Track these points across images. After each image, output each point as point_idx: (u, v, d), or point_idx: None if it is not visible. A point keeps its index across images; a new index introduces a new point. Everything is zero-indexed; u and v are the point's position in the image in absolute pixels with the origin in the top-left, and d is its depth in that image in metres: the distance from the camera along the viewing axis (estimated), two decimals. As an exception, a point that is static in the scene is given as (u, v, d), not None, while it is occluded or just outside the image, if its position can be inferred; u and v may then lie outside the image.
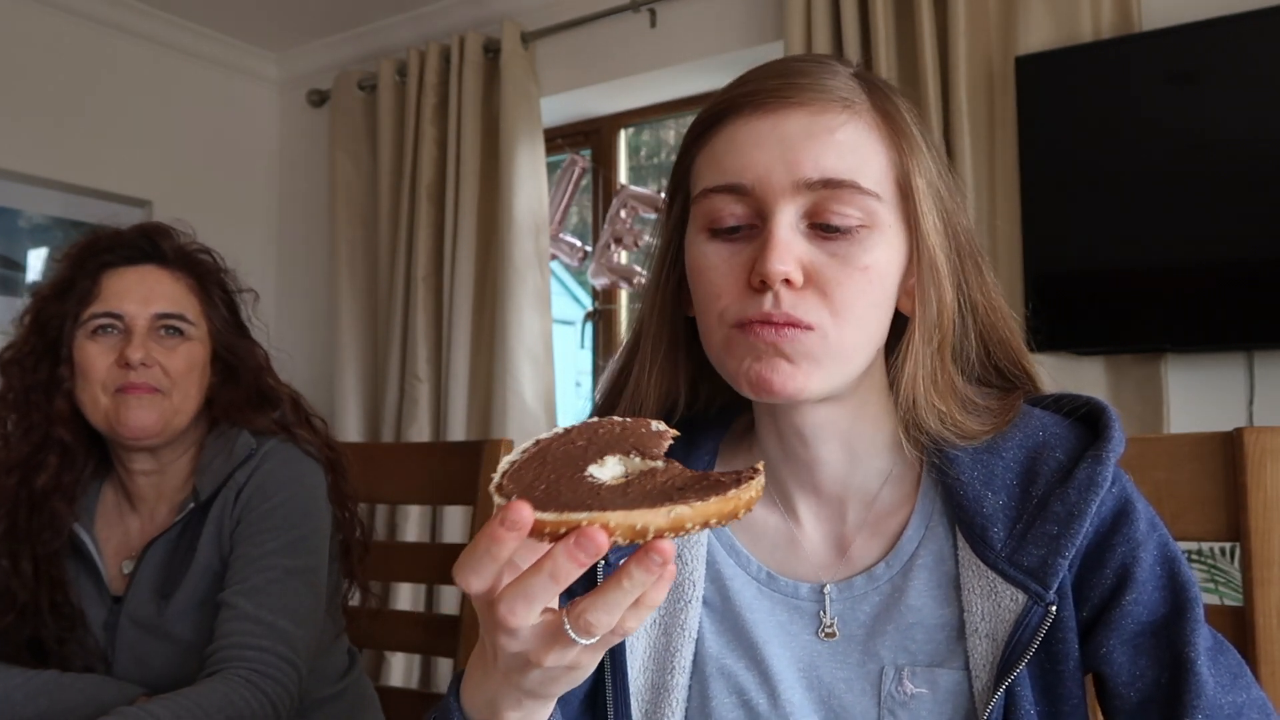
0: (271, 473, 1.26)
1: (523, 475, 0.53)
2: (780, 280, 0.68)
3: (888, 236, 0.71)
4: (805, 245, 0.70)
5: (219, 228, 3.34)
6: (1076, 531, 0.69)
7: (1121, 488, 0.72)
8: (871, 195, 0.70)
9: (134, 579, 1.26)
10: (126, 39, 3.17)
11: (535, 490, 0.52)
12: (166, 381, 1.25)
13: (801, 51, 2.37)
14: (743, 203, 0.71)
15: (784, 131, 0.70)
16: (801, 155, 0.69)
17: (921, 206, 0.73)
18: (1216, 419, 1.94)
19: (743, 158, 0.71)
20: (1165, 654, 0.68)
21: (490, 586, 0.54)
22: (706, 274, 0.73)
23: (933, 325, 0.73)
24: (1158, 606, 0.70)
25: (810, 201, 0.70)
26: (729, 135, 0.73)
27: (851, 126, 0.71)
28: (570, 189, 2.99)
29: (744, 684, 0.76)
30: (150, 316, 1.26)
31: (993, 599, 0.70)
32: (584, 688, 0.78)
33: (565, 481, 0.53)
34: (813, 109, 0.71)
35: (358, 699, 1.40)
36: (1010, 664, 0.68)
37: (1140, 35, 2.03)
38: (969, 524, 0.72)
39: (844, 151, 0.70)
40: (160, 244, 1.31)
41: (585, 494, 0.52)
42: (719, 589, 0.79)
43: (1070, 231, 2.04)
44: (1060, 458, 0.73)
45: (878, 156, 0.72)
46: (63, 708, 1.13)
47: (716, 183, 0.72)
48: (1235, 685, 0.68)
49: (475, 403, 2.93)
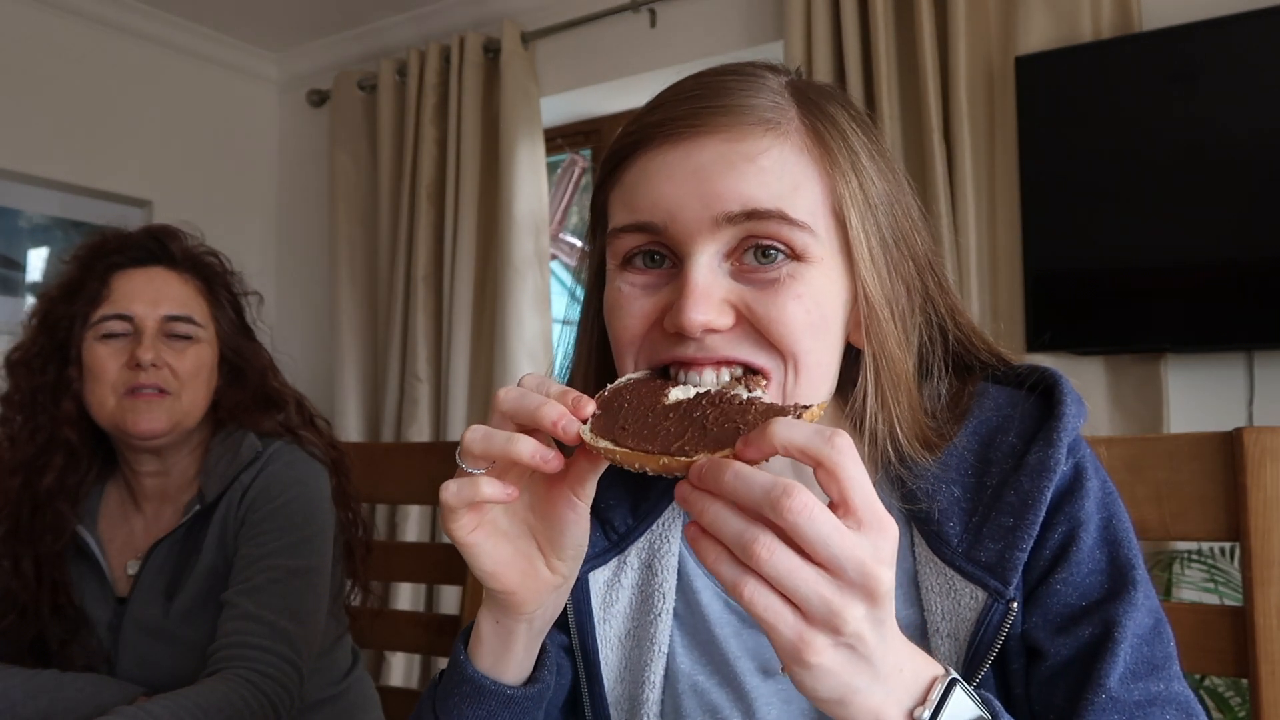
0: (276, 474, 1.27)
1: (621, 390, 0.62)
2: (700, 331, 0.63)
3: (824, 269, 0.65)
4: (729, 284, 0.64)
5: (219, 228, 3.34)
6: (1032, 521, 0.66)
7: (1075, 463, 0.69)
8: (802, 228, 0.64)
9: (139, 580, 1.26)
10: (127, 39, 3.17)
11: (613, 403, 0.60)
12: (175, 383, 1.25)
13: (801, 53, 2.37)
14: (657, 241, 0.66)
15: (697, 162, 0.64)
16: (719, 186, 0.63)
17: (856, 240, 0.66)
18: (1216, 419, 1.94)
19: (654, 192, 0.65)
20: (1087, 633, 0.65)
21: (504, 416, 0.58)
22: (618, 312, 0.68)
23: (891, 361, 0.68)
24: (1090, 590, 0.67)
25: (732, 236, 0.64)
26: (640, 168, 0.67)
27: (776, 151, 0.64)
28: (570, 189, 2.99)
29: (716, 702, 0.74)
30: (159, 318, 1.26)
31: (952, 597, 0.68)
32: (562, 695, 0.77)
33: (640, 399, 0.60)
34: (729, 135, 0.64)
35: (359, 698, 1.40)
36: (976, 664, 0.67)
37: (1140, 35, 2.03)
38: (925, 520, 0.70)
39: (768, 179, 0.63)
40: (169, 246, 1.31)
41: (635, 417, 0.58)
42: (688, 602, 0.77)
43: (1070, 231, 2.04)
44: (1013, 440, 0.69)
45: (809, 183, 0.65)
46: (62, 707, 1.13)
47: (625, 222, 0.67)
48: (1153, 675, 0.64)
49: (475, 403, 2.93)
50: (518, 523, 0.62)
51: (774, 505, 0.48)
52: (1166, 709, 0.64)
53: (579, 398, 0.57)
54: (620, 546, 0.77)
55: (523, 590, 0.62)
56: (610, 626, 0.77)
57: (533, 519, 0.63)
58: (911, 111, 2.25)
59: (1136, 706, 0.63)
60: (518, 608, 0.63)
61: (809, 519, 0.47)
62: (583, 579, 0.76)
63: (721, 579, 0.50)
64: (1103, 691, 0.63)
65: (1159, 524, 0.94)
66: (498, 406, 0.59)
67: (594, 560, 0.76)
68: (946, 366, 0.75)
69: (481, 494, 0.58)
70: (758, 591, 0.49)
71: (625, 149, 0.69)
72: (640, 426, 0.57)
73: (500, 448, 0.57)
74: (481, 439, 0.57)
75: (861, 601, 0.49)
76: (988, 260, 2.18)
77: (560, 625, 0.76)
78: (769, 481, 0.48)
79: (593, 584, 0.77)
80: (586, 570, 0.76)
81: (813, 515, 0.47)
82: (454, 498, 0.58)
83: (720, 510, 0.50)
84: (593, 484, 0.61)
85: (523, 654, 0.66)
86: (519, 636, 0.65)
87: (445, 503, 0.59)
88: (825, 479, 0.49)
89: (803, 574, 0.48)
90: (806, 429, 0.50)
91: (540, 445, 0.57)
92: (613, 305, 0.69)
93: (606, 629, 0.76)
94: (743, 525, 0.49)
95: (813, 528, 0.47)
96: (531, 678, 0.67)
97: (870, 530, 0.49)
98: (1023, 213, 2.09)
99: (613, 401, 0.60)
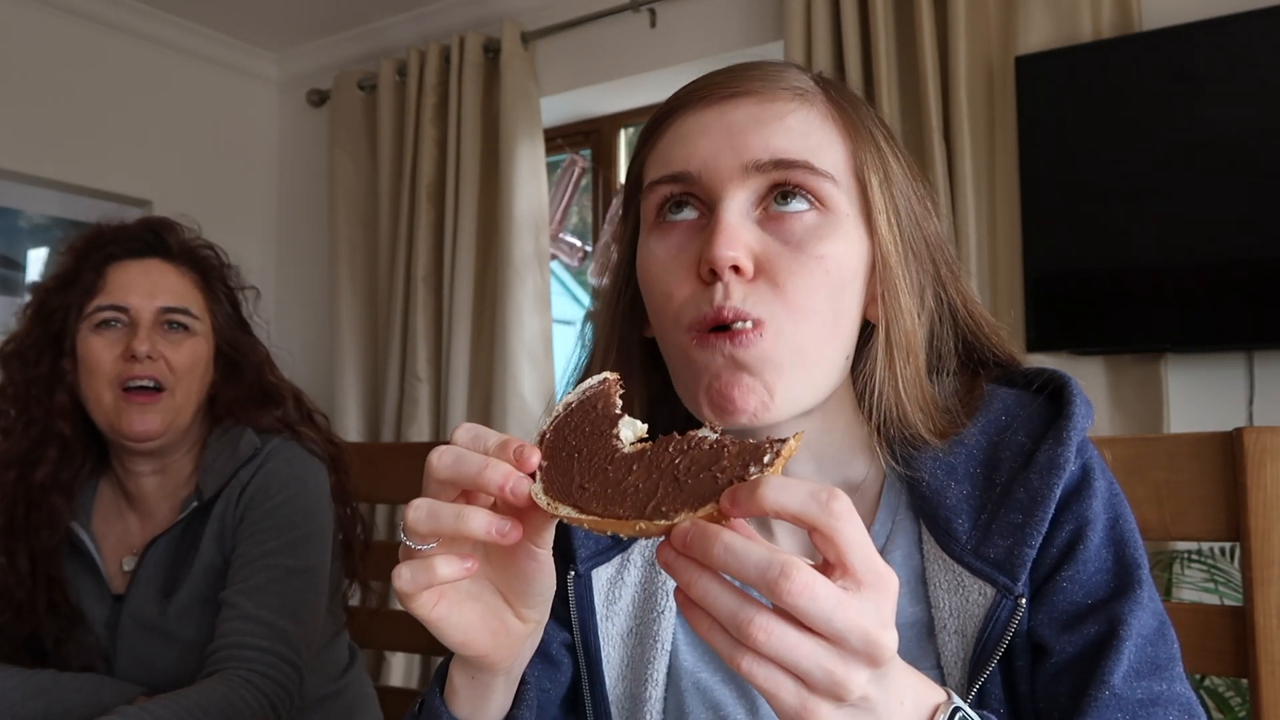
0: (275, 472, 1.26)
1: (564, 430, 0.55)
2: (729, 267, 0.64)
3: (845, 228, 0.68)
4: (756, 233, 0.66)
5: (219, 228, 3.33)
6: (1041, 518, 0.66)
7: (1083, 463, 0.69)
8: (826, 177, 0.67)
9: (135, 577, 1.25)
10: (127, 39, 3.17)
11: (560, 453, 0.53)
12: (170, 377, 1.24)
13: (801, 53, 2.37)
14: (689, 192, 0.68)
15: (731, 119, 0.68)
16: (750, 139, 0.66)
17: (873, 200, 0.69)
18: (1216, 419, 1.94)
19: (689, 146, 0.68)
20: (1092, 630, 0.65)
21: (446, 479, 0.54)
22: (657, 275, 0.69)
23: (902, 331, 0.69)
24: (1096, 588, 0.67)
25: (761, 184, 0.67)
26: (675, 130, 0.70)
27: (803, 113, 0.68)
28: (570, 189, 2.99)
29: (720, 699, 0.74)
30: (156, 310, 1.25)
31: (960, 594, 0.68)
32: (561, 691, 0.77)
33: (589, 445, 0.53)
34: (761, 96, 0.68)
35: (357, 696, 1.40)
36: (983, 661, 0.66)
37: (1140, 35, 2.02)
38: (933, 517, 0.70)
39: (794, 135, 0.67)
40: (165, 238, 1.30)
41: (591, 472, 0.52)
42: None
43: (1070, 231, 2.04)
44: (1022, 440, 0.70)
45: (831, 144, 0.68)
46: (61, 707, 1.13)
47: (660, 174, 0.70)
48: (1156, 675, 0.64)
49: (475, 403, 2.93)
50: (479, 580, 0.59)
51: (771, 588, 0.45)
52: (1170, 709, 0.64)
53: (521, 447, 0.53)
54: (623, 544, 0.77)
55: (496, 651, 0.59)
56: (613, 624, 0.77)
57: (493, 572, 0.59)
58: (911, 111, 2.25)
59: (1140, 705, 0.63)
60: (493, 667, 0.61)
61: (810, 599, 0.45)
62: (586, 576, 0.76)
63: (716, 650, 0.48)
64: (1106, 688, 0.63)
65: (1159, 524, 0.94)
66: (434, 474, 0.54)
67: (597, 557, 0.76)
68: (957, 356, 0.76)
69: (439, 577, 0.54)
70: (755, 664, 0.46)
71: (662, 116, 0.72)
72: (602, 485, 0.51)
73: (450, 526, 0.52)
74: (426, 517, 0.53)
75: (865, 668, 0.47)
76: (988, 260, 2.18)
77: (563, 623, 0.76)
78: (763, 560, 0.45)
79: (596, 581, 0.77)
80: (590, 568, 0.76)
81: (814, 594, 0.45)
82: (410, 584, 0.54)
83: (709, 585, 0.47)
84: (550, 532, 0.58)
85: (501, 698, 0.64)
86: (496, 688, 0.63)
87: (401, 590, 0.54)
88: (822, 543, 0.47)
89: (803, 650, 0.46)
90: (800, 491, 0.46)
91: (493, 516, 0.52)
92: (649, 269, 0.70)
93: (609, 626, 0.76)
94: (736, 604, 0.46)
95: (814, 606, 0.45)
96: (510, 716, 0.65)
97: (870, 591, 0.47)
98: (1023, 213, 2.08)
99: (559, 449, 0.54)
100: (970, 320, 0.76)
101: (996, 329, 0.78)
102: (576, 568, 0.76)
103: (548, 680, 0.76)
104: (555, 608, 0.70)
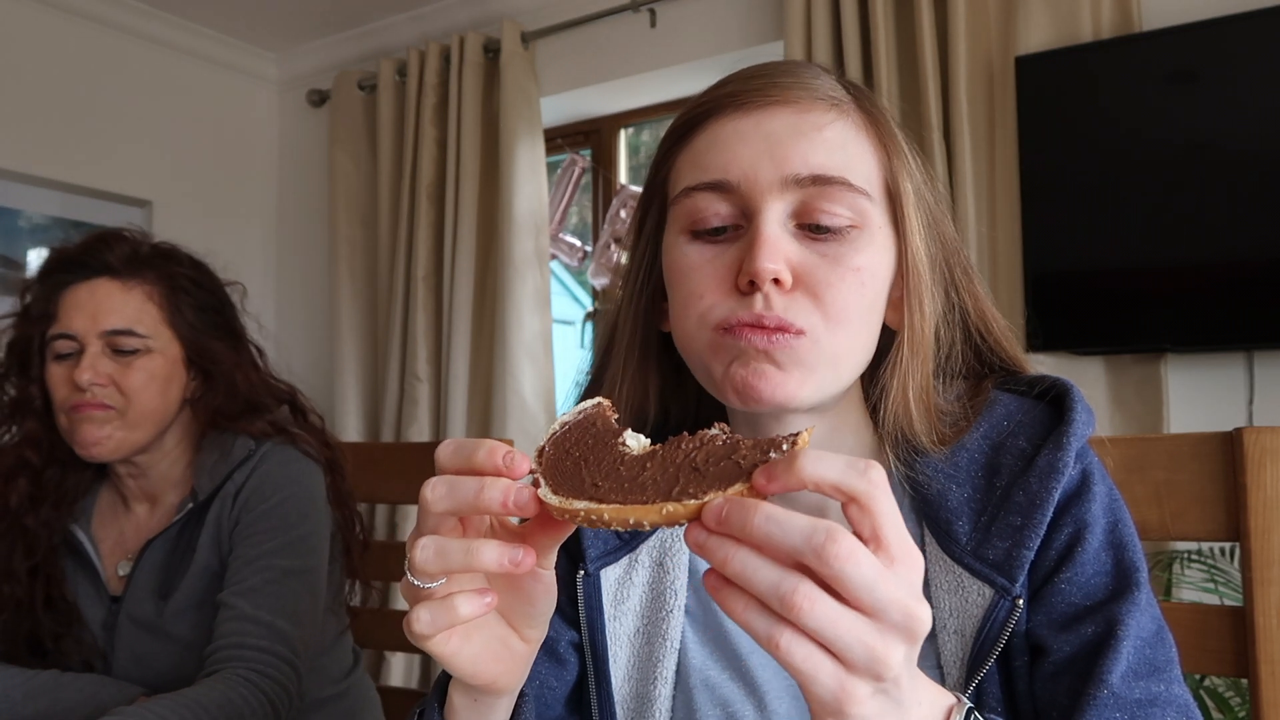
0: (269, 474, 1.26)
1: (564, 443, 0.53)
2: (770, 280, 0.65)
3: (877, 239, 0.69)
4: (794, 245, 0.67)
5: (219, 228, 3.37)
6: (1039, 521, 0.67)
7: (1082, 468, 0.70)
8: (861, 193, 0.68)
9: (131, 579, 1.26)
10: (127, 39, 3.17)
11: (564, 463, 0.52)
12: (121, 400, 1.22)
13: (801, 53, 2.37)
14: (727, 201, 0.68)
15: (769, 128, 0.68)
16: (789, 151, 0.67)
17: (908, 210, 0.70)
18: (1216, 419, 1.94)
19: (726, 154, 0.68)
20: (1090, 631, 0.66)
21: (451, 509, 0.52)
22: (687, 275, 0.69)
23: (920, 338, 0.71)
24: (1095, 590, 0.68)
25: (798, 199, 0.67)
26: (711, 135, 0.70)
27: (840, 125, 0.69)
28: (570, 189, 2.99)
29: (728, 696, 0.74)
30: (99, 334, 1.22)
31: (960, 595, 0.69)
32: (567, 689, 0.77)
33: (594, 454, 0.52)
34: (799, 106, 0.69)
35: (360, 699, 1.40)
36: (980, 660, 0.67)
37: (1140, 35, 2.02)
38: (935, 519, 0.71)
39: (832, 149, 0.68)
40: (106, 256, 1.25)
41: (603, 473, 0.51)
42: (701, 598, 0.77)
43: (1070, 231, 2.04)
44: (1023, 445, 0.71)
45: (865, 156, 0.70)
46: (62, 707, 1.13)
47: (699, 180, 0.69)
48: (1154, 676, 0.65)
49: (475, 403, 2.93)
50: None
51: (818, 552, 0.44)
52: (1168, 710, 0.64)
53: (509, 454, 0.51)
54: (631, 544, 0.78)
55: (503, 677, 0.59)
56: (621, 624, 0.77)
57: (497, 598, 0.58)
58: (911, 111, 2.25)
59: (1137, 705, 0.63)
60: (497, 692, 0.61)
61: (855, 565, 0.44)
62: (594, 576, 0.76)
63: (753, 632, 0.46)
64: (1105, 687, 0.63)
65: (1159, 524, 0.94)
66: (431, 508, 0.52)
67: (606, 557, 0.77)
68: (964, 360, 0.77)
69: (461, 617, 0.53)
70: (795, 643, 0.45)
71: (695, 119, 0.72)
72: (617, 481, 0.50)
73: (461, 562, 0.51)
74: (435, 556, 0.51)
75: (903, 643, 0.46)
76: (988, 260, 2.18)
77: (570, 622, 0.77)
78: (808, 525, 0.44)
79: (604, 581, 0.77)
80: (599, 567, 0.76)
81: (859, 561, 0.44)
82: (430, 627, 0.53)
83: (749, 558, 0.46)
84: (554, 552, 0.57)
85: (502, 715, 0.64)
86: (499, 708, 0.63)
87: (420, 633, 0.53)
88: (858, 514, 0.46)
89: (845, 622, 0.45)
90: (838, 462, 0.46)
91: (503, 546, 0.51)
92: (679, 268, 0.70)
93: (617, 626, 0.77)
94: (779, 574, 0.45)
95: (859, 573, 0.44)
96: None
97: (903, 565, 0.46)
98: (1023, 213, 2.09)
99: (562, 459, 0.52)
100: (981, 324, 0.77)
101: (1007, 332, 0.79)
102: (586, 567, 0.76)
103: (553, 678, 0.77)
104: (564, 606, 0.70)
